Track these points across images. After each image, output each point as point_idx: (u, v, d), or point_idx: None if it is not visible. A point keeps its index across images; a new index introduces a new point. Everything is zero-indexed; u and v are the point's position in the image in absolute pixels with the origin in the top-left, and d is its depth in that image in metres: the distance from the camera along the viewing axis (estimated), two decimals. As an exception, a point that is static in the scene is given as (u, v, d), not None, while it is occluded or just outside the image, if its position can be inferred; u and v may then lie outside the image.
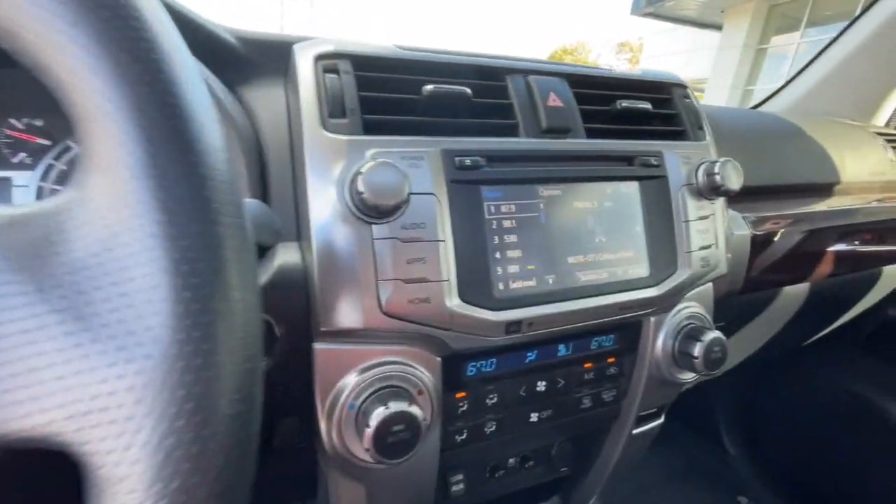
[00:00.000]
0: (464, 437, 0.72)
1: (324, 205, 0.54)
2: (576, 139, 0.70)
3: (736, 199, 1.00)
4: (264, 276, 0.55)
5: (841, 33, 1.47)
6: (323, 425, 0.59)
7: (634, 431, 0.91)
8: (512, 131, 0.67)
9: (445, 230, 0.57)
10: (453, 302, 0.58)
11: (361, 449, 0.56)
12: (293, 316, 0.57)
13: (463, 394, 0.70)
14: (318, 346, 0.57)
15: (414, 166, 0.56)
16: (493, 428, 0.74)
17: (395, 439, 0.55)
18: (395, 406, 0.55)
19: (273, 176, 0.61)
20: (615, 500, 1.53)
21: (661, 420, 0.96)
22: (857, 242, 1.11)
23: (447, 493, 0.80)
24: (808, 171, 1.13)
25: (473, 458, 0.75)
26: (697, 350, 0.77)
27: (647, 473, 1.80)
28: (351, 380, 0.58)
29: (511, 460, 0.87)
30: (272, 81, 0.66)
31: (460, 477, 0.82)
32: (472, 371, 0.70)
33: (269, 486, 0.64)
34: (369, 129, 0.58)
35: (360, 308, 0.54)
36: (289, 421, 0.70)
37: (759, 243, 0.94)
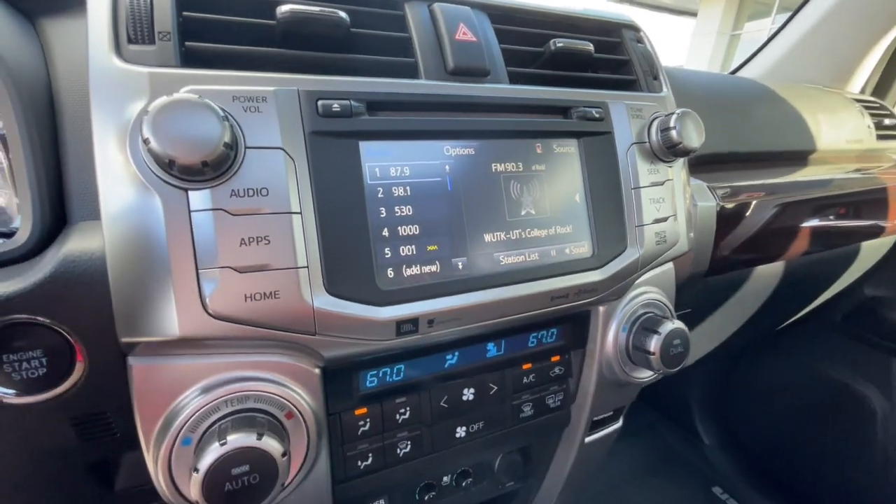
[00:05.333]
0: (369, 462, 0.58)
1: (114, 162, 0.39)
2: (494, 84, 0.55)
3: (702, 167, 0.88)
4: (40, 272, 0.39)
5: (814, -9, 1.35)
6: (150, 465, 0.43)
7: (588, 439, 0.78)
8: (409, 72, 0.52)
9: (302, 199, 0.42)
10: (317, 296, 0.43)
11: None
12: (94, 323, 0.41)
13: (364, 410, 0.56)
14: (135, 363, 0.42)
15: (252, 110, 0.41)
16: (408, 449, 0.60)
17: (236, 486, 0.40)
18: (237, 441, 0.40)
19: (70, 134, 0.45)
20: (583, 497, 1.43)
21: (619, 424, 0.83)
22: (835, 216, 0.99)
23: None
24: (783, 137, 1.01)
25: (396, 481, 0.61)
26: (654, 344, 0.64)
27: (619, 466, 1.72)
28: (188, 403, 0.43)
29: (445, 478, 0.74)
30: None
31: (381, 503, 0.68)
32: (371, 382, 0.56)
33: None
34: (191, 60, 0.42)
35: (173, 309, 0.39)
36: (132, 456, 0.54)
37: (728, 217, 0.81)
